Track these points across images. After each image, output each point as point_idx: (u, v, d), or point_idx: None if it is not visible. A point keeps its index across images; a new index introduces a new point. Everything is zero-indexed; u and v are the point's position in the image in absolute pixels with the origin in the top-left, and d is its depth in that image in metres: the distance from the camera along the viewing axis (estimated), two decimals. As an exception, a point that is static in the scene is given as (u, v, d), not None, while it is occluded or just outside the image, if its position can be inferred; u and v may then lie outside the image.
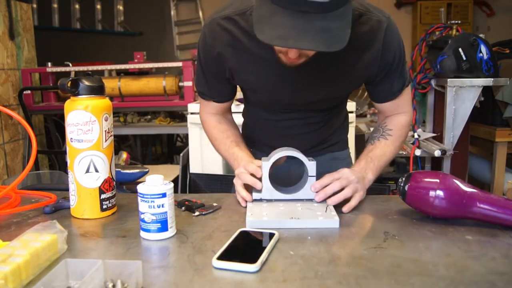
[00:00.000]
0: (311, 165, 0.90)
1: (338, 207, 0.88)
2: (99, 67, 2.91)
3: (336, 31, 0.74)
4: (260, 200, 0.90)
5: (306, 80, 0.98)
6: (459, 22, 2.34)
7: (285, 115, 1.09)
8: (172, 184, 0.77)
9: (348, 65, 0.97)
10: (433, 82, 2.35)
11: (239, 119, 1.27)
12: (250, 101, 1.16)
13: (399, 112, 1.08)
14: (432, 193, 0.80)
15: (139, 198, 0.76)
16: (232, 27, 0.96)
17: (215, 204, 0.92)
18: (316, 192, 0.89)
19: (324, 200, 0.89)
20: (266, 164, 0.89)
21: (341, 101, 1.14)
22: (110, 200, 0.89)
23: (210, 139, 1.14)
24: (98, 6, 4.75)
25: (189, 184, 2.20)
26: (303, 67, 0.92)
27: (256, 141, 1.21)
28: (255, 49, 0.95)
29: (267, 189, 0.90)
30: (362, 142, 2.39)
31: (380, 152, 1.02)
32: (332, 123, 1.16)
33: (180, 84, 2.78)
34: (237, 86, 1.12)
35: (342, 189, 0.90)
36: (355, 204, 0.89)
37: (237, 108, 2.28)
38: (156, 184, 0.75)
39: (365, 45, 0.95)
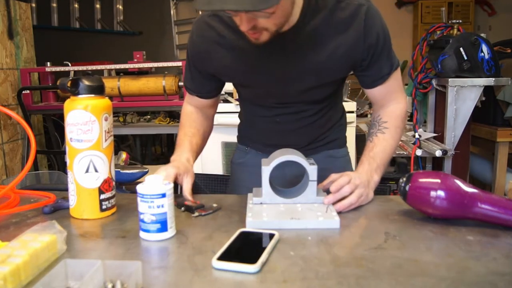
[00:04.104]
0: (312, 170, 0.89)
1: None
2: (98, 67, 2.91)
3: None
4: (261, 204, 0.90)
5: (291, 68, 0.98)
6: (460, 21, 2.34)
7: (279, 110, 1.09)
8: (172, 184, 0.77)
9: (331, 50, 0.96)
10: (434, 82, 2.35)
11: (237, 119, 1.27)
12: (244, 98, 1.18)
13: (391, 99, 1.07)
14: (433, 193, 0.80)
15: (138, 199, 0.75)
16: (217, 23, 1.00)
17: (215, 205, 0.92)
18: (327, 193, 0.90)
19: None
20: (266, 169, 0.89)
21: (333, 92, 1.10)
22: (110, 201, 0.88)
23: (180, 124, 1.16)
24: (98, 5, 4.74)
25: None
26: (286, 55, 0.95)
27: (251, 139, 1.21)
28: (238, 42, 0.97)
29: (267, 194, 0.90)
30: (363, 141, 2.39)
31: (380, 149, 1.01)
32: (328, 119, 1.14)
33: (180, 83, 2.77)
34: (224, 84, 1.14)
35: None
36: (349, 203, 0.88)
37: (237, 108, 2.28)
38: (156, 184, 0.75)
39: (346, 29, 0.95)
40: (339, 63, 0.99)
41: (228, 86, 2.69)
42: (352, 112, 2.36)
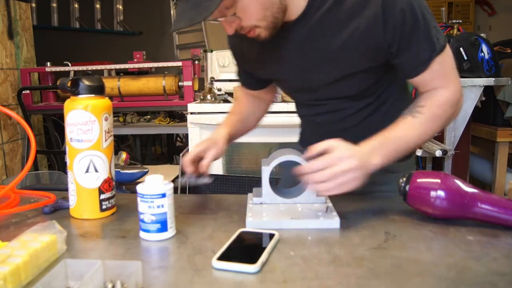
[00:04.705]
0: None
1: (337, 204, 0.88)
2: (98, 67, 2.91)
3: (203, 4, 0.79)
4: (261, 204, 0.90)
5: (305, 59, 0.94)
6: (460, 21, 2.35)
7: (316, 109, 1.04)
8: (172, 184, 0.77)
9: (345, 36, 0.87)
10: (433, 82, 2.35)
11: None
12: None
13: (437, 86, 0.89)
14: (433, 193, 0.80)
15: (138, 199, 0.75)
16: None
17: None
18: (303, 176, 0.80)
19: (325, 200, 0.89)
20: (266, 169, 0.89)
21: (373, 86, 0.95)
22: (110, 201, 0.88)
23: None
24: (98, 5, 4.74)
25: (189, 184, 2.19)
26: (297, 45, 0.93)
27: (304, 140, 1.19)
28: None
29: (267, 194, 0.89)
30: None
31: (401, 133, 0.85)
32: (379, 119, 0.97)
33: (180, 83, 2.77)
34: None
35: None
36: (325, 177, 0.76)
37: (237, 107, 2.28)
38: (156, 184, 0.75)
39: (362, 9, 0.85)
40: (358, 51, 0.88)
41: (229, 86, 2.69)
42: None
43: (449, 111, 0.89)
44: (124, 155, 2.11)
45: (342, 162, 0.77)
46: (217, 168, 2.39)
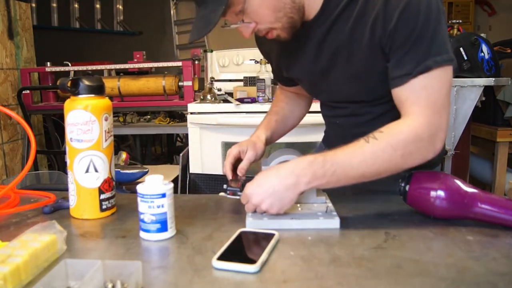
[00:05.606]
0: None
1: (337, 204, 0.88)
2: (98, 67, 2.91)
3: (208, 16, 0.80)
4: None
5: (327, 55, 0.93)
6: (460, 21, 2.35)
7: (337, 111, 1.04)
8: (172, 184, 0.77)
9: (359, 34, 0.86)
10: (433, 82, 2.35)
11: (237, 119, 1.27)
12: None
13: (407, 112, 0.82)
14: (433, 193, 0.80)
15: (138, 199, 0.75)
16: None
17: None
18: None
19: (324, 200, 0.89)
20: (266, 169, 0.89)
21: (389, 94, 0.86)
22: (110, 200, 0.88)
23: None
24: (98, 5, 4.74)
25: (189, 184, 2.20)
26: (314, 44, 0.93)
27: (327, 140, 1.19)
28: None
29: None
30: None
31: (343, 157, 0.79)
32: None
33: (180, 83, 2.77)
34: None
35: None
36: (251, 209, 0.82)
37: (237, 108, 2.28)
38: (156, 184, 0.75)
39: (371, 8, 0.83)
40: (370, 49, 0.85)
41: (229, 86, 2.69)
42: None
43: (409, 146, 0.79)
44: (124, 155, 2.11)
45: (252, 197, 0.81)
46: (217, 168, 2.39)
